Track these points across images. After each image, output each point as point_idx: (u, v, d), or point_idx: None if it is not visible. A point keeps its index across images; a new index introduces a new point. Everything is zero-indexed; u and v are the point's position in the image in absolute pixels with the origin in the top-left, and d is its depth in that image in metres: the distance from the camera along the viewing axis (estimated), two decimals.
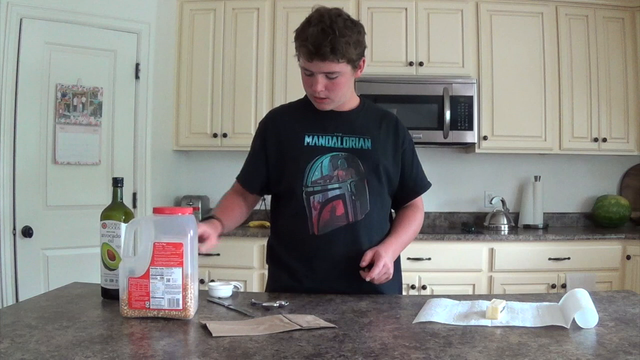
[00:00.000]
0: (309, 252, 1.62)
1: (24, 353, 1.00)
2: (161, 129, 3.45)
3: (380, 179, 1.65)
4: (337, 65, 1.51)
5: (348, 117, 1.67)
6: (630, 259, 3.24)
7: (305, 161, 1.61)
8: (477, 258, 3.20)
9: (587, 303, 1.21)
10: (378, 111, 1.75)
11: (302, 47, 1.51)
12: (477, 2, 3.54)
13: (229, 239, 3.29)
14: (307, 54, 1.50)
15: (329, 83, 1.54)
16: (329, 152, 1.62)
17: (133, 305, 1.24)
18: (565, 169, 3.88)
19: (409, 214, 1.76)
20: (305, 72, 1.56)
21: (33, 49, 2.81)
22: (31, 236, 2.79)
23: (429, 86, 3.46)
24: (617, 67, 3.56)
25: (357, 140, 1.65)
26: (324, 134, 1.64)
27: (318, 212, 1.59)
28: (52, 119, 2.88)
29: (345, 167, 1.62)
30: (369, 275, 1.51)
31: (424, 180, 1.78)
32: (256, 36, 3.57)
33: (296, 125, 1.67)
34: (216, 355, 1.00)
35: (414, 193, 1.77)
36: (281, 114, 1.74)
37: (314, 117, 1.66)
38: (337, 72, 1.53)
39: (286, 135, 1.66)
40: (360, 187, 1.62)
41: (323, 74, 1.53)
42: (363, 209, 1.62)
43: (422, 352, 1.03)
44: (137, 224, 1.29)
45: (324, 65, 1.50)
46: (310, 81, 1.56)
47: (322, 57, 1.49)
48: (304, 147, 1.63)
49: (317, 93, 1.56)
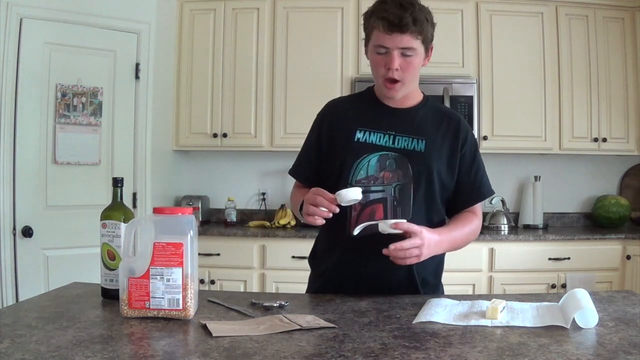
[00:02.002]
0: (345, 254, 1.57)
1: (24, 353, 1.00)
2: (161, 129, 3.45)
3: (429, 184, 1.55)
4: (415, 40, 1.48)
5: (406, 115, 1.60)
6: (630, 259, 3.24)
7: (352, 158, 1.54)
8: (477, 258, 3.20)
9: (587, 303, 1.21)
10: (440, 110, 1.66)
11: (381, 21, 1.47)
12: (477, 2, 3.54)
13: (229, 239, 3.29)
14: (387, 27, 1.46)
15: (403, 62, 1.50)
16: (379, 150, 1.55)
17: (133, 305, 1.24)
18: (565, 169, 3.88)
19: (464, 217, 1.62)
20: (379, 50, 1.51)
21: (33, 49, 2.81)
22: (31, 236, 2.79)
23: (429, 86, 3.45)
24: (617, 67, 3.56)
25: (410, 141, 1.56)
26: (376, 131, 1.57)
27: (357, 213, 1.53)
28: (52, 119, 2.88)
29: (393, 168, 1.54)
30: (393, 246, 1.38)
31: (483, 187, 1.63)
32: (256, 36, 3.56)
33: (350, 118, 1.61)
34: (216, 355, 1.00)
35: (469, 200, 1.63)
36: (337, 106, 1.69)
37: (370, 112, 1.61)
38: (414, 50, 1.49)
39: (338, 129, 1.61)
40: (405, 191, 1.54)
41: (399, 51, 1.49)
42: (404, 216, 1.52)
43: (422, 352, 1.03)
44: (137, 224, 1.29)
45: (403, 38, 1.47)
46: (383, 60, 1.50)
47: (403, 29, 1.45)
48: (354, 142, 1.57)
49: (392, 72, 1.50)
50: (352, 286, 1.55)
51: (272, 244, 3.22)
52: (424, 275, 1.60)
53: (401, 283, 1.56)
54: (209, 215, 3.83)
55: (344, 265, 1.59)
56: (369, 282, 1.55)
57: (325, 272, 1.64)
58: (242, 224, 3.66)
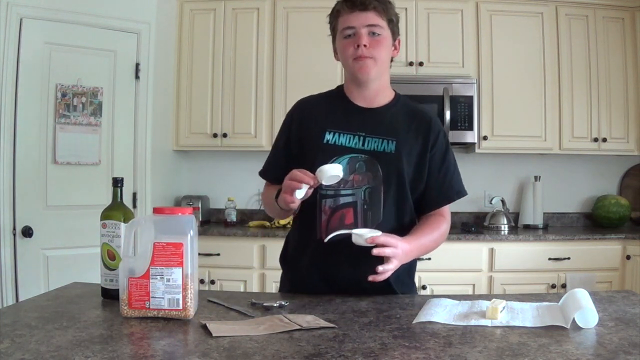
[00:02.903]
0: (315, 258, 1.56)
1: (24, 353, 1.00)
2: (161, 129, 3.45)
3: (399, 186, 1.53)
4: (380, 19, 1.50)
5: (376, 115, 1.57)
6: (630, 259, 3.24)
7: (322, 161, 1.48)
8: (477, 258, 3.20)
9: (587, 303, 1.21)
10: (412, 109, 1.62)
11: (345, 3, 1.50)
12: (477, 2, 3.54)
13: (229, 239, 3.29)
14: (351, 6, 1.49)
15: (371, 40, 1.50)
16: (349, 153, 1.53)
17: (133, 305, 1.24)
18: (565, 169, 3.88)
19: (432, 221, 1.58)
20: (346, 32, 1.52)
21: (33, 49, 2.81)
22: (31, 236, 2.79)
23: (429, 86, 3.46)
24: (617, 67, 3.56)
25: (380, 142, 1.54)
26: (346, 132, 1.55)
27: (327, 217, 1.52)
28: (52, 119, 2.88)
29: (363, 171, 1.52)
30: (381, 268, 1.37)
31: (451, 190, 1.60)
32: (256, 36, 3.57)
33: (320, 118, 1.59)
34: (216, 355, 1.00)
35: (436, 202, 1.60)
36: (307, 105, 1.67)
37: (340, 112, 1.59)
38: (380, 28, 1.50)
39: (308, 129, 1.59)
40: (375, 194, 1.52)
41: (366, 29, 1.49)
42: (374, 219, 1.52)
43: (422, 352, 1.03)
44: (137, 224, 1.29)
45: (367, 15, 1.49)
46: (351, 42, 1.51)
47: (367, 6, 1.48)
48: (323, 144, 1.54)
49: (361, 49, 1.49)
50: (324, 286, 1.54)
51: (272, 244, 3.22)
52: (397, 273, 1.53)
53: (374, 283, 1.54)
54: (209, 215, 3.83)
55: (315, 267, 1.57)
56: (342, 283, 1.54)
57: (297, 272, 1.63)
58: (242, 224, 3.66)
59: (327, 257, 1.54)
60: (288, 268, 1.69)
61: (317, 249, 1.55)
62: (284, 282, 1.71)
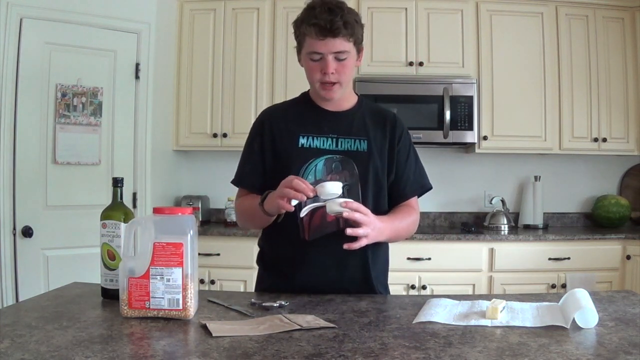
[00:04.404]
0: (299, 257, 1.59)
1: (24, 353, 1.00)
2: (161, 129, 3.45)
3: (375, 182, 1.61)
4: (347, 43, 1.51)
5: (345, 117, 1.64)
6: (630, 259, 3.24)
7: (299, 164, 1.56)
8: (477, 258, 3.20)
9: (587, 303, 1.21)
10: (376, 110, 1.72)
11: (312, 27, 1.49)
12: (477, 2, 3.54)
13: (229, 239, 3.29)
14: (319, 32, 1.48)
15: (338, 65, 1.53)
16: (324, 154, 1.59)
17: (133, 305, 1.24)
18: (565, 169, 3.88)
19: (403, 210, 1.65)
20: (313, 57, 1.53)
21: (33, 49, 2.81)
22: (31, 236, 2.79)
23: (429, 86, 3.46)
24: (617, 67, 3.56)
25: (352, 142, 1.61)
26: (319, 135, 1.60)
27: (309, 217, 1.54)
28: (52, 119, 2.88)
29: (339, 170, 1.58)
30: (348, 232, 1.41)
31: (416, 183, 1.69)
32: (256, 36, 3.57)
33: (291, 125, 1.63)
34: (216, 355, 1.00)
35: (403, 194, 1.67)
36: (276, 113, 1.70)
37: (309, 117, 1.63)
38: (347, 52, 1.52)
39: (280, 136, 1.62)
40: (354, 191, 1.57)
41: (333, 55, 1.51)
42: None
43: (422, 352, 1.03)
44: (137, 224, 1.29)
45: (335, 42, 1.49)
46: (318, 66, 1.54)
47: (335, 33, 1.48)
48: (298, 148, 1.59)
49: (328, 76, 1.52)
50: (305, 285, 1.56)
51: None
52: (375, 273, 1.64)
53: (355, 281, 1.59)
54: (209, 215, 3.82)
55: (296, 266, 1.60)
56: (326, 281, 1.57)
57: (279, 272, 1.65)
58: None
59: (308, 257, 1.58)
60: (267, 265, 1.72)
61: (300, 249, 1.58)
62: (261, 279, 1.73)
